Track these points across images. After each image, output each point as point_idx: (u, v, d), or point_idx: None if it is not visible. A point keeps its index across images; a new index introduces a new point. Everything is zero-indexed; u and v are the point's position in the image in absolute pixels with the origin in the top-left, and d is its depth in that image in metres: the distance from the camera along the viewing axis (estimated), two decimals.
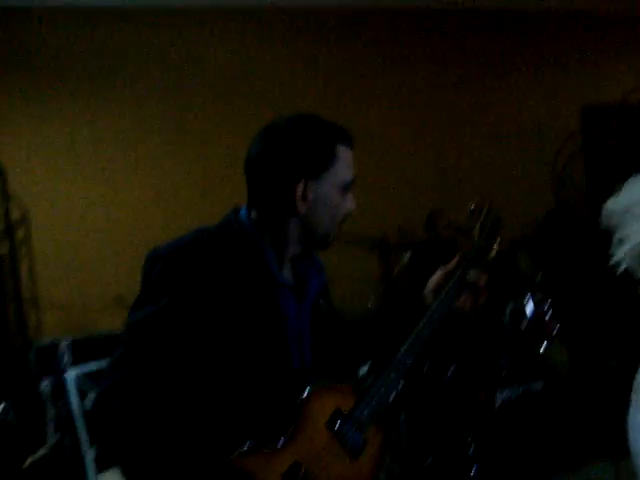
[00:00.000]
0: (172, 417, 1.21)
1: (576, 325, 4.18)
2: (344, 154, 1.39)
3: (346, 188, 1.40)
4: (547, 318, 3.71)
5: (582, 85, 5.54)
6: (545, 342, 3.65)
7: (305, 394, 1.31)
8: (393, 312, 1.69)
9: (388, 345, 1.48)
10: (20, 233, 4.02)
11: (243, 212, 1.41)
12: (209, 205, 4.02)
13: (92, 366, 3.10)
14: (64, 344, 3.75)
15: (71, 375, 3.03)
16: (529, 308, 3.67)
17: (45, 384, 3.72)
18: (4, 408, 2.71)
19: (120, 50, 4.23)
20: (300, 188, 1.33)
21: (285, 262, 1.42)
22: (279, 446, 1.26)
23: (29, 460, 3.07)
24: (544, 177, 5.44)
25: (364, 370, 1.56)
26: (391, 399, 1.45)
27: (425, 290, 1.61)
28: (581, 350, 4.21)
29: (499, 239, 1.61)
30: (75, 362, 3.61)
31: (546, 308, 3.70)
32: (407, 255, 3.34)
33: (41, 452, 3.27)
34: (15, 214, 3.97)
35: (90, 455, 3.05)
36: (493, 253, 1.60)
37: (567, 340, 4.10)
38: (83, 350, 3.76)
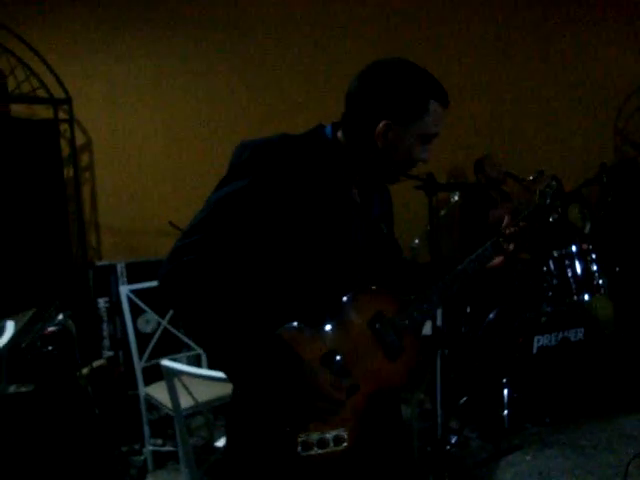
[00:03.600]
0: (235, 281, 1.36)
1: (624, 281, 4.14)
2: (435, 110, 1.44)
3: (427, 140, 1.46)
4: (592, 269, 3.70)
5: None
6: (588, 292, 3.65)
7: (352, 292, 1.44)
8: (442, 262, 1.77)
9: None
10: (84, 159, 4.21)
11: (328, 129, 1.50)
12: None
13: (145, 284, 3.26)
14: (121, 266, 3.97)
15: (125, 290, 3.20)
16: (575, 258, 3.67)
17: (102, 302, 3.96)
18: (64, 316, 2.91)
19: None
20: (382, 128, 1.41)
21: (354, 183, 1.52)
22: (321, 332, 1.39)
23: (86, 368, 3.29)
24: (606, 130, 5.31)
25: None
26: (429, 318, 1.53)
27: None
28: (627, 306, 4.17)
29: (559, 207, 1.68)
30: (130, 283, 3.83)
31: (591, 259, 3.69)
32: (455, 196, 3.36)
33: (97, 363, 3.49)
34: (80, 140, 4.14)
35: (140, 369, 3.24)
36: (551, 217, 1.69)
37: (614, 295, 4.07)
38: (138, 273, 3.97)
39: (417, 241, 3.85)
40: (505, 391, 3.58)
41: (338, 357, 1.38)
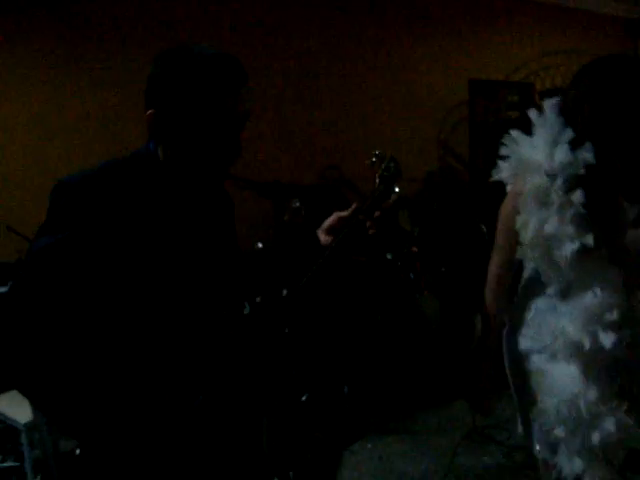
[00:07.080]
0: (79, 334, 1.25)
1: (449, 280, 4.52)
2: (219, 89, 1.27)
3: (216, 123, 1.29)
4: (421, 270, 4.03)
5: (471, 59, 5.89)
6: (418, 291, 3.98)
7: None
8: (285, 251, 1.76)
9: (279, 280, 1.60)
10: None
11: (151, 144, 1.39)
12: (105, 141, 4.02)
13: None
14: None
15: None
16: (406, 260, 3.97)
17: None
18: None
19: None
20: (148, 117, 1.30)
21: (186, 190, 1.41)
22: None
23: None
24: (431, 141, 5.77)
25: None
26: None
27: (319, 230, 1.70)
28: (451, 303, 4.55)
29: (397, 188, 1.62)
30: None
31: (420, 261, 4.02)
32: (297, 201, 3.50)
33: None
34: None
35: None
36: (392, 199, 1.61)
37: (440, 293, 4.43)
38: None
39: (260, 245, 3.93)
40: (345, 387, 3.78)
41: None
